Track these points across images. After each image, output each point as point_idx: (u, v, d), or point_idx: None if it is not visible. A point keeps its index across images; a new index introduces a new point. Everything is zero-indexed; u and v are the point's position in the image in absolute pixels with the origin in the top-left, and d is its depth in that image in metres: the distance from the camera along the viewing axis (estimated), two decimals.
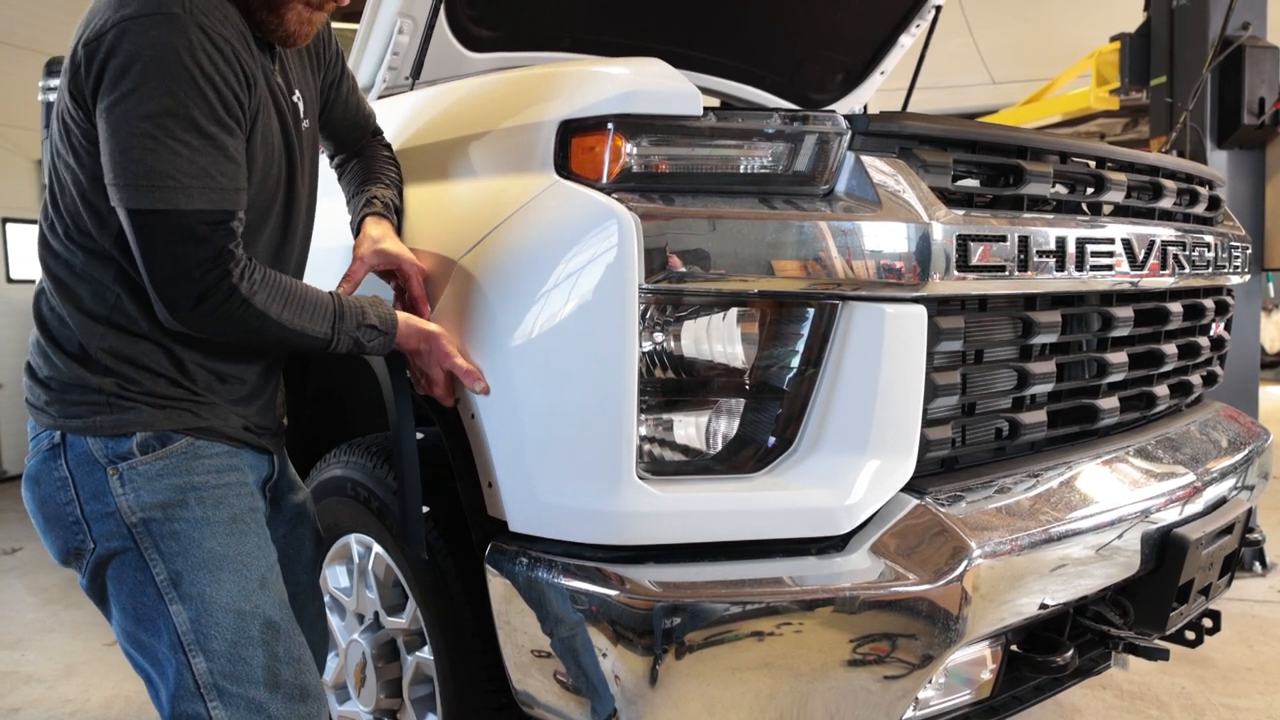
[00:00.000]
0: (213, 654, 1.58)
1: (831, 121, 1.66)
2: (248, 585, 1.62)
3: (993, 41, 10.22)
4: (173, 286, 1.49)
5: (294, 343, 1.62)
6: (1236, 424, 2.52)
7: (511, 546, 1.69)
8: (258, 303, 1.52)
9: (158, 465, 1.60)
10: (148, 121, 1.42)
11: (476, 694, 1.92)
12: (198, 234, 1.46)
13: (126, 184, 1.44)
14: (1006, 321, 1.89)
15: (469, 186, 1.82)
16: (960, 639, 1.62)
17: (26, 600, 4.55)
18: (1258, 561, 4.37)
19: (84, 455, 1.59)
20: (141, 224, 1.46)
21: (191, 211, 1.45)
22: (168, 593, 1.58)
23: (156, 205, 1.44)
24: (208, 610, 1.58)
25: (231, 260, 1.50)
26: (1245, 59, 4.50)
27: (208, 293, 1.48)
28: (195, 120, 1.45)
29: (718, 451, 1.69)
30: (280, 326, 1.56)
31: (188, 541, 1.59)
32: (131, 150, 1.43)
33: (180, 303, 1.50)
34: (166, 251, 1.47)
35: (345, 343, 1.64)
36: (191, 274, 1.47)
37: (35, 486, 1.64)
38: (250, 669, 1.60)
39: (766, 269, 1.57)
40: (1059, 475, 1.91)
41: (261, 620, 1.62)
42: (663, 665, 1.50)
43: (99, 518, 1.59)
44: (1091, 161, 2.08)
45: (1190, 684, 3.26)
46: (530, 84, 1.78)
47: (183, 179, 1.44)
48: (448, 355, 1.70)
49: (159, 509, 1.59)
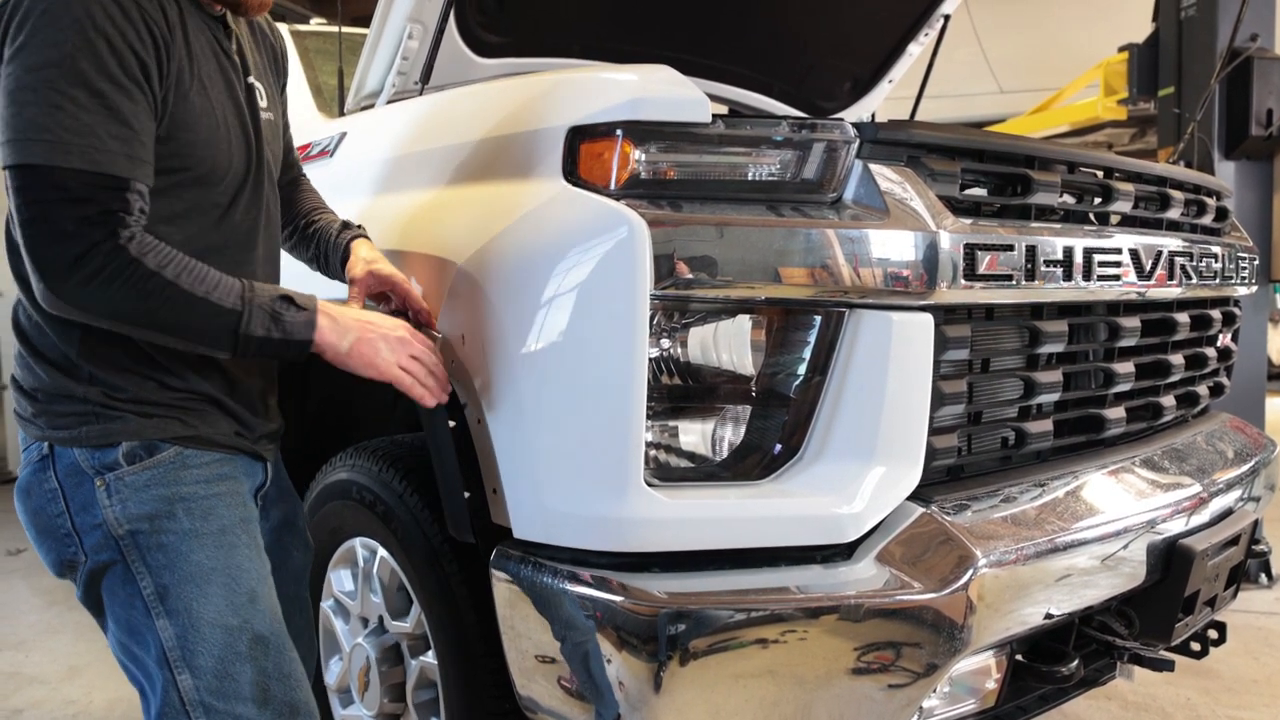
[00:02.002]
0: (199, 670, 1.54)
1: (839, 129, 1.66)
2: (237, 599, 1.57)
3: (1001, 51, 10.23)
4: (45, 249, 1.34)
5: (193, 326, 1.45)
6: (1243, 435, 2.52)
7: (516, 552, 1.69)
8: (150, 262, 1.38)
9: (145, 475, 1.54)
10: (30, 74, 1.33)
11: (480, 699, 1.92)
12: (75, 193, 1.34)
13: (5, 141, 1.34)
14: (1013, 331, 1.89)
15: (476, 191, 1.82)
16: (965, 648, 1.61)
17: (30, 601, 4.56)
18: (1263, 573, 4.36)
19: (72, 466, 1.54)
20: (18, 184, 1.33)
21: (69, 170, 1.33)
22: (154, 607, 1.54)
23: (30, 159, 1.32)
24: (194, 625, 1.53)
25: (119, 223, 1.36)
26: (1253, 70, 4.50)
27: (86, 255, 1.34)
28: (83, 74, 1.34)
29: (724, 458, 1.69)
30: (178, 293, 1.40)
31: (175, 554, 1.54)
32: (13, 105, 1.33)
33: (53, 268, 1.35)
34: (38, 211, 1.34)
35: (258, 319, 1.47)
36: (65, 231, 1.34)
37: (27, 498, 1.60)
38: (238, 685, 1.55)
39: (774, 276, 1.57)
40: (1065, 485, 1.91)
41: (250, 635, 1.57)
42: (667, 672, 1.50)
43: (88, 530, 1.54)
44: (1099, 171, 2.08)
45: (1195, 695, 3.25)
46: (539, 90, 1.78)
47: (62, 134, 1.32)
48: (403, 339, 1.61)
49: (146, 520, 1.54)
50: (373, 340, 1.59)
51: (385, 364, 1.59)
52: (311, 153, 2.44)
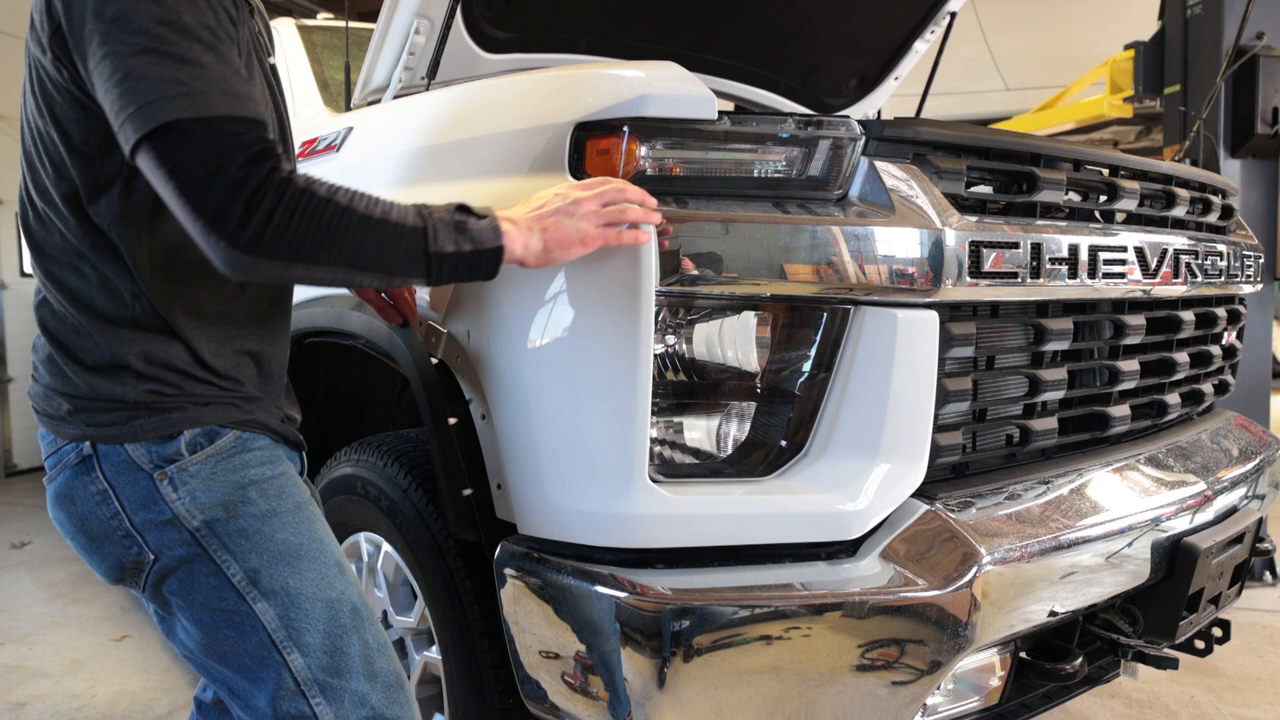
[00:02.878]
0: (309, 648, 1.48)
1: (845, 126, 1.66)
2: (329, 572, 1.51)
3: (1007, 48, 10.21)
4: (215, 201, 1.23)
5: (384, 253, 1.34)
6: (1248, 433, 2.51)
7: (521, 548, 1.69)
8: (320, 190, 1.28)
9: (209, 463, 1.47)
10: (139, 37, 1.24)
11: (484, 694, 1.93)
12: (230, 139, 1.24)
13: (136, 110, 1.23)
14: (1018, 328, 1.89)
15: (482, 187, 1.82)
16: (969, 645, 1.62)
17: (35, 595, 4.57)
18: (1268, 571, 4.35)
19: (124, 463, 1.45)
20: (165, 145, 1.23)
21: (217, 118, 1.24)
22: (248, 592, 1.46)
23: (174, 116, 1.22)
24: (295, 602, 1.47)
25: (279, 159, 1.27)
26: (1259, 68, 4.49)
27: (257, 196, 1.23)
28: (190, 29, 1.27)
29: (729, 455, 1.69)
30: (358, 219, 1.30)
31: (259, 536, 1.47)
32: (132, 72, 1.24)
33: (229, 220, 1.23)
34: (196, 168, 1.23)
35: (444, 233, 1.37)
36: (232, 178, 1.23)
37: (69, 505, 1.49)
38: (349, 659, 1.50)
39: (779, 273, 1.57)
40: (1069, 482, 1.91)
41: (350, 606, 1.52)
42: (670, 668, 1.51)
43: (153, 527, 1.45)
44: (1105, 169, 2.08)
45: (1199, 693, 3.25)
46: (545, 86, 1.78)
47: (197, 85, 1.24)
48: (575, 200, 1.47)
49: (220, 508, 1.46)
50: (557, 221, 1.47)
51: (589, 235, 1.48)
52: (318, 147, 2.44)
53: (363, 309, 2.05)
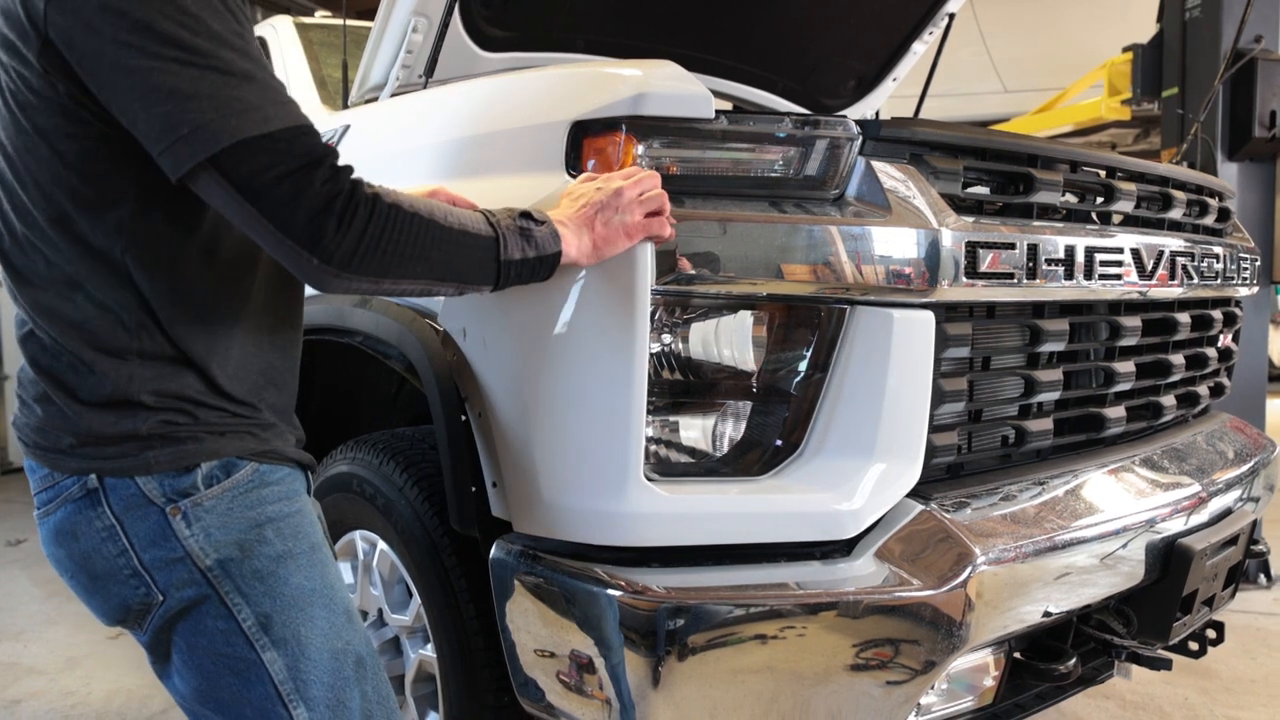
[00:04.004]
0: (313, 702, 1.39)
1: (843, 126, 1.66)
2: (337, 620, 1.43)
3: (1005, 50, 10.22)
4: (306, 220, 1.18)
5: (464, 262, 1.33)
6: (1243, 435, 2.52)
7: (516, 546, 1.69)
8: (404, 203, 1.25)
9: (225, 498, 1.37)
10: (174, 48, 1.15)
11: (479, 692, 1.93)
12: (300, 150, 1.18)
13: (191, 131, 1.15)
14: (1014, 329, 1.89)
15: (479, 185, 1.82)
16: (963, 645, 1.62)
17: (30, 592, 4.56)
18: (1262, 574, 4.36)
19: (133, 497, 1.34)
20: (232, 168, 1.16)
21: (279, 131, 1.17)
22: (258, 639, 1.37)
23: (238, 136, 1.15)
24: (304, 653, 1.39)
25: (349, 168, 1.22)
26: (1257, 72, 4.49)
27: (348, 210, 1.19)
28: (223, 37, 1.18)
29: (724, 454, 1.69)
30: (439, 229, 1.28)
31: (273, 580, 1.38)
32: (177, 89, 1.15)
33: (323, 235, 1.18)
34: (276, 188, 1.17)
35: (513, 241, 1.36)
36: (319, 194, 1.18)
37: (70, 542, 1.37)
38: (349, 713, 1.42)
39: (776, 272, 1.57)
40: (1064, 483, 1.91)
41: (354, 658, 1.44)
42: (665, 666, 1.51)
43: (163, 565, 1.35)
44: (1102, 171, 2.08)
45: (1193, 695, 3.26)
46: (543, 84, 1.78)
47: (250, 98, 1.17)
48: (616, 191, 1.46)
49: (235, 547, 1.37)
50: (604, 218, 1.46)
51: (634, 227, 1.47)
52: None
53: (366, 305, 2.04)
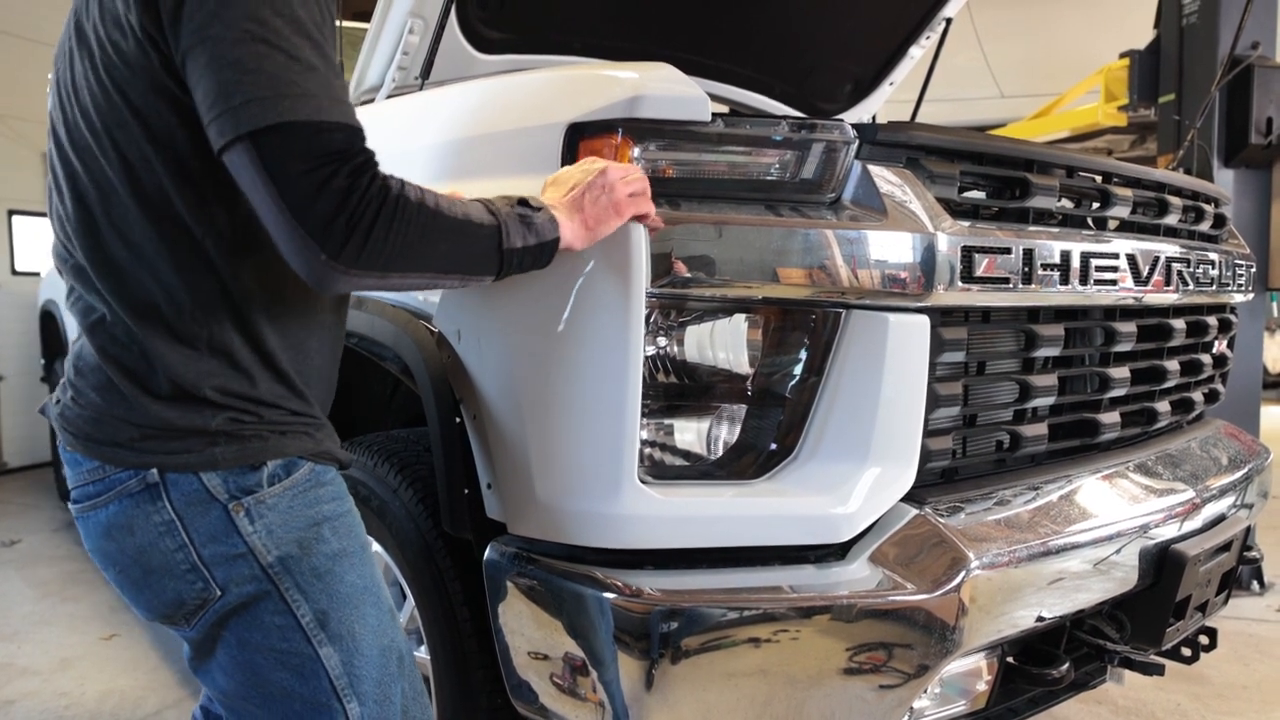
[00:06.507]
0: (365, 697, 1.43)
1: (839, 130, 1.66)
2: (384, 618, 1.48)
3: (1002, 55, 10.26)
4: (321, 211, 1.18)
5: (469, 253, 1.33)
6: (1237, 442, 2.52)
7: (510, 548, 1.69)
8: (411, 194, 1.25)
9: (286, 496, 1.40)
10: (252, 24, 1.18)
11: (472, 694, 1.92)
12: (339, 145, 1.19)
13: (243, 103, 1.16)
14: (1009, 334, 1.90)
15: (475, 187, 1.82)
16: (956, 650, 1.62)
17: (24, 593, 4.55)
18: (1255, 580, 4.37)
19: (195, 493, 1.36)
20: (268, 147, 1.17)
21: (328, 123, 1.19)
22: (315, 635, 1.40)
23: (286, 117, 1.16)
24: (358, 649, 1.43)
25: (377, 168, 1.23)
26: (1254, 78, 4.50)
27: (360, 207, 1.19)
28: (303, 24, 1.21)
29: (719, 457, 1.69)
30: (446, 220, 1.29)
31: (330, 578, 1.42)
32: (242, 61, 1.17)
33: (333, 229, 1.18)
34: (304, 175, 1.17)
35: (514, 229, 1.37)
36: (338, 188, 1.18)
37: (126, 536, 1.38)
38: (394, 708, 1.47)
39: (771, 276, 1.57)
40: (1058, 489, 1.91)
41: (398, 654, 1.50)
42: (659, 669, 1.50)
43: (223, 561, 1.37)
44: (1098, 176, 2.08)
45: (1185, 701, 3.26)
46: (539, 86, 1.78)
47: (309, 85, 1.19)
48: (602, 172, 1.47)
49: (295, 544, 1.40)
50: (592, 198, 1.47)
51: (622, 203, 1.48)
52: None
53: (360, 307, 2.04)
